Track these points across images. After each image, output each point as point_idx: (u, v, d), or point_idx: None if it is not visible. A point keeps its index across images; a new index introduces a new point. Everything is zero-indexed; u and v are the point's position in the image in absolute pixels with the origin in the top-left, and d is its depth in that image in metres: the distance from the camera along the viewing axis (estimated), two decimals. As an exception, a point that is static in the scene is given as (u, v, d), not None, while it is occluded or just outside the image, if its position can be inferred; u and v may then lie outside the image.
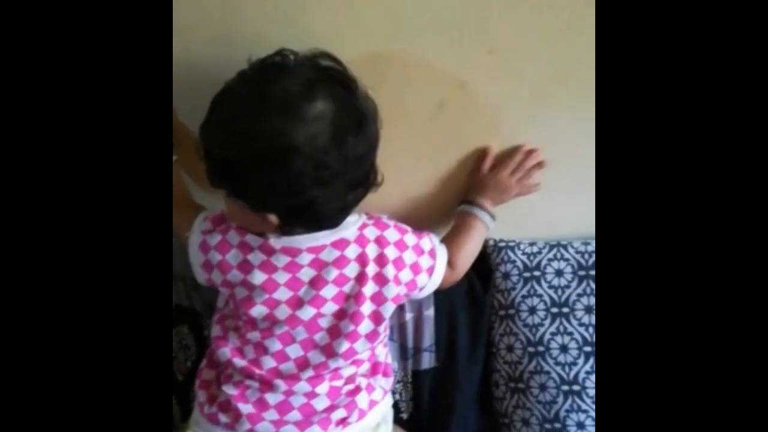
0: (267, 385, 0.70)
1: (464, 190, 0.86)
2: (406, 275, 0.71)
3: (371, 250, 0.70)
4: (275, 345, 0.69)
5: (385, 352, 0.77)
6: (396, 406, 0.85)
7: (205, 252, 0.70)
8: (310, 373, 0.70)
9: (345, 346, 0.70)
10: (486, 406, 0.90)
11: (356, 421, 0.72)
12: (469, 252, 0.83)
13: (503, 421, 0.88)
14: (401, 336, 0.86)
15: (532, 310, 0.87)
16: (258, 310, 0.68)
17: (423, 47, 0.77)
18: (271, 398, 0.70)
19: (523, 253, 0.90)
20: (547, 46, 0.78)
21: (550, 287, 0.88)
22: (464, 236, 0.82)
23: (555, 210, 0.90)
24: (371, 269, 0.69)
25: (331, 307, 0.69)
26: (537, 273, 0.89)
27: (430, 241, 0.76)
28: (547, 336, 0.86)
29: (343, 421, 0.71)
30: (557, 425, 0.84)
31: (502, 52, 0.77)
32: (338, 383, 0.72)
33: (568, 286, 0.87)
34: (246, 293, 0.69)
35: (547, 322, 0.87)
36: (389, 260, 0.70)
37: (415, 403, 0.86)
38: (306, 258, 0.69)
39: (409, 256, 0.72)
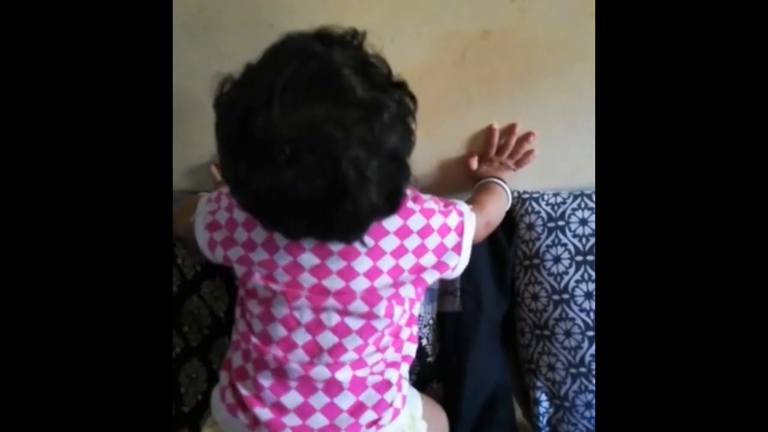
0: (281, 375, 0.63)
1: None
2: (429, 259, 0.66)
3: (388, 244, 0.63)
4: (280, 331, 0.64)
5: (411, 344, 0.71)
6: (422, 349, 0.87)
7: (211, 231, 0.68)
8: (326, 359, 0.64)
9: (360, 323, 0.64)
10: (511, 353, 0.92)
11: (389, 422, 0.65)
12: (497, 207, 0.83)
13: (529, 367, 0.89)
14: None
15: (557, 259, 0.88)
16: (253, 283, 0.65)
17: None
18: (289, 400, 0.63)
19: (547, 204, 0.90)
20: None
21: (575, 236, 0.89)
22: (489, 196, 0.83)
23: (579, 160, 0.90)
24: (386, 263, 0.63)
25: (333, 304, 0.63)
26: (561, 223, 0.89)
27: (458, 213, 0.69)
28: (572, 284, 0.87)
29: (375, 423, 0.64)
30: (582, 369, 0.86)
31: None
32: (363, 373, 0.64)
33: (593, 235, 0.88)
34: (245, 269, 0.65)
35: (571, 271, 0.88)
36: (408, 250, 0.64)
37: (441, 344, 0.87)
38: (309, 241, 0.62)
39: (432, 240, 0.65)
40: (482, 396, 0.86)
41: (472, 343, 0.85)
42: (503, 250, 0.90)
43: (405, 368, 0.70)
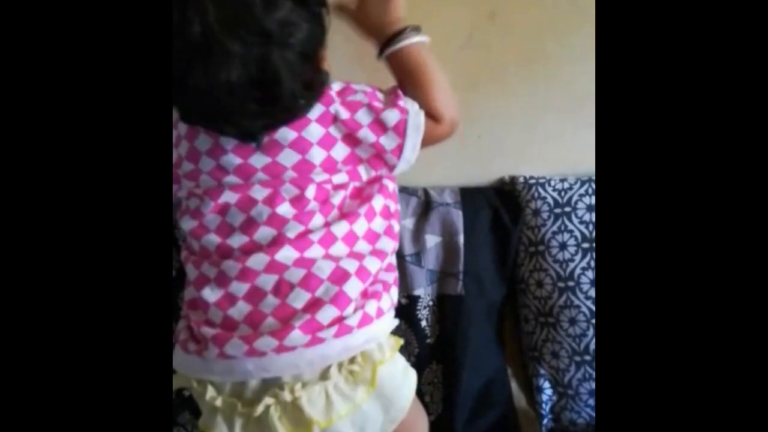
0: (222, 280, 0.59)
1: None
2: (365, 152, 0.62)
3: (311, 133, 0.60)
4: (214, 239, 0.61)
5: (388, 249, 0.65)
6: (422, 331, 0.85)
7: None
8: (265, 248, 0.59)
9: (293, 211, 0.60)
10: (514, 340, 0.91)
11: (358, 326, 0.57)
12: (441, 88, 0.67)
13: (533, 355, 0.89)
14: (428, 260, 0.86)
15: (563, 246, 0.87)
16: (181, 197, 0.65)
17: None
18: (236, 312, 0.58)
19: (554, 190, 0.89)
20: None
21: (581, 222, 0.88)
22: (420, 77, 0.65)
23: (587, 145, 0.89)
24: (316, 155, 0.60)
25: (260, 194, 0.60)
26: (568, 209, 0.88)
27: (400, 111, 0.62)
28: (578, 271, 0.86)
29: (339, 321, 0.56)
30: (587, 357, 0.85)
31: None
32: (311, 254, 0.58)
33: (599, 221, 0.87)
34: (176, 187, 0.65)
35: (577, 258, 0.87)
36: (337, 139, 0.61)
37: (440, 326, 0.86)
38: (229, 141, 0.60)
39: (365, 135, 0.61)
40: (481, 378, 0.85)
41: (472, 326, 0.85)
42: (507, 234, 0.89)
43: (372, 263, 0.61)
